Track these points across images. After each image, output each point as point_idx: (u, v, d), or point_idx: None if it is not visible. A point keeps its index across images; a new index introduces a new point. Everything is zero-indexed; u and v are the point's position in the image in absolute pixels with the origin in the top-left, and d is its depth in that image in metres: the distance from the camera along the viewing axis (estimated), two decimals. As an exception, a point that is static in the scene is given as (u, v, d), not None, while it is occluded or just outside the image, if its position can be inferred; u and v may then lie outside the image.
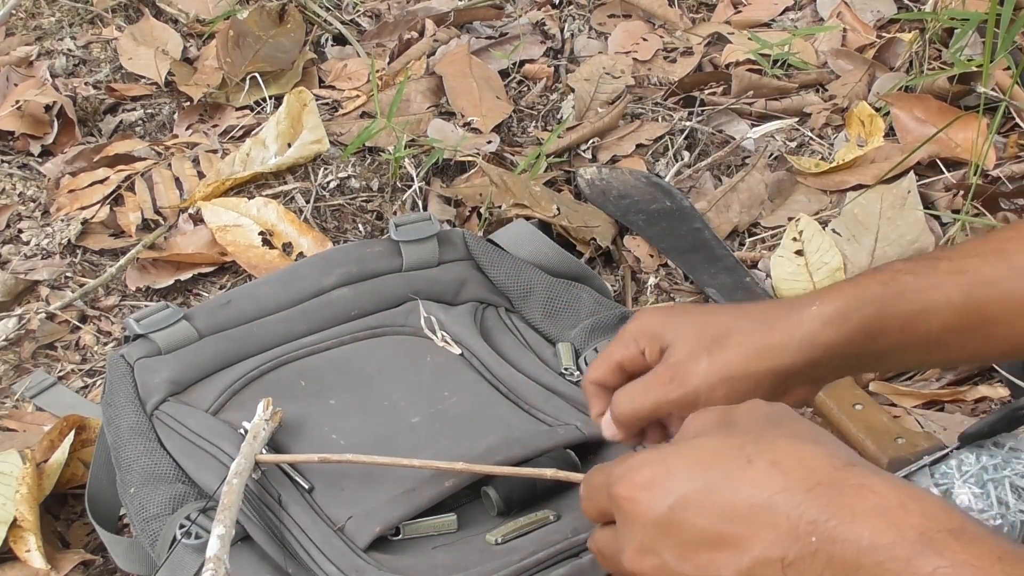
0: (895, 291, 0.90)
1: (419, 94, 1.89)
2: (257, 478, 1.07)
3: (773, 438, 0.71)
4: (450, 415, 1.14)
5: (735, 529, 0.68)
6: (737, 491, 0.68)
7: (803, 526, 0.66)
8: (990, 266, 0.91)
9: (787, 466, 0.68)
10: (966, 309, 0.89)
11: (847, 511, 0.65)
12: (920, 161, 1.67)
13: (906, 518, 0.64)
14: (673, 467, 0.71)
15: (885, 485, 0.66)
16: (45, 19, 2.12)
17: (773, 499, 0.67)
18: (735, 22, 2.04)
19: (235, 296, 1.28)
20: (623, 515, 0.73)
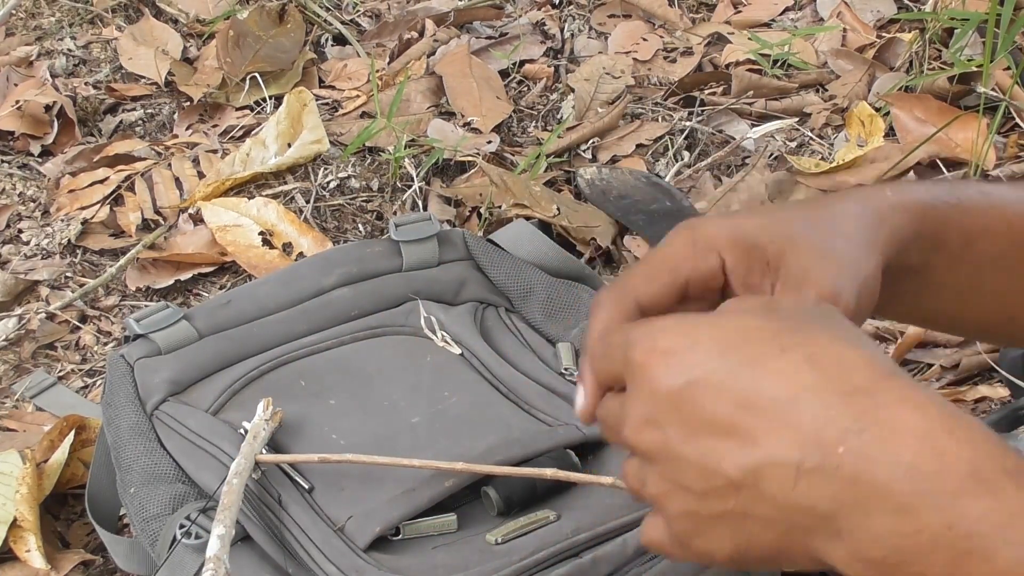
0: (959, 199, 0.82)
1: (419, 94, 1.89)
2: (257, 478, 1.07)
3: (814, 331, 0.62)
4: (450, 415, 1.14)
5: (750, 421, 0.60)
6: (761, 380, 0.61)
7: (831, 432, 0.58)
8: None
9: (824, 363, 0.60)
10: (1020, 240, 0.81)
11: (886, 426, 0.57)
12: (920, 161, 1.67)
13: (956, 448, 0.56)
14: (699, 340, 0.63)
15: (933, 405, 0.58)
16: (45, 19, 2.13)
17: (800, 396, 0.60)
18: (735, 22, 2.04)
19: (235, 296, 1.28)
20: (634, 381, 0.65)
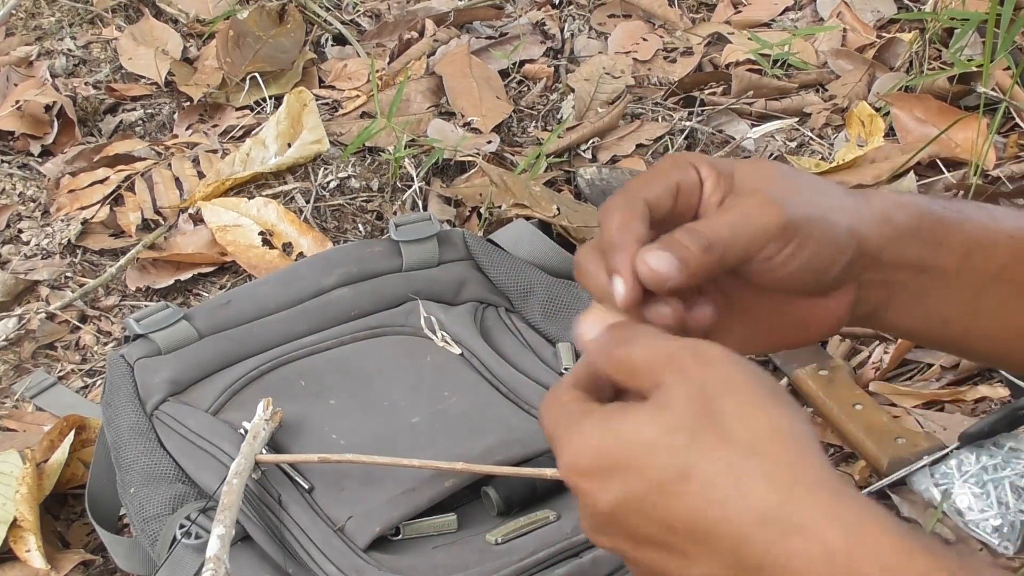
0: (959, 209, 0.81)
1: (419, 94, 1.89)
2: (257, 478, 1.07)
3: (713, 446, 0.63)
4: (450, 415, 1.14)
5: (679, 542, 0.63)
6: (673, 508, 0.63)
7: (749, 560, 0.61)
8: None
9: (723, 494, 0.62)
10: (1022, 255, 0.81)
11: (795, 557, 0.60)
12: (920, 161, 1.67)
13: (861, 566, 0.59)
14: (612, 461, 0.64)
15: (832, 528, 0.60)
16: (45, 19, 2.12)
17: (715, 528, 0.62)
18: (735, 22, 2.04)
19: (235, 296, 1.28)
20: (575, 493, 0.67)
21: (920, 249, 0.79)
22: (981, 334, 0.83)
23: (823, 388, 1.35)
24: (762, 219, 0.72)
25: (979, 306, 0.81)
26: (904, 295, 0.80)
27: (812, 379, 1.36)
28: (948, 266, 0.80)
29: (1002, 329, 0.83)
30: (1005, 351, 0.85)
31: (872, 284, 0.79)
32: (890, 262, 0.78)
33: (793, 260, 0.73)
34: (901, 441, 1.29)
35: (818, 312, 0.78)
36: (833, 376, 1.36)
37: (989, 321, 0.82)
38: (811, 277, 0.75)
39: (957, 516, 1.23)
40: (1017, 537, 1.21)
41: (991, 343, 0.84)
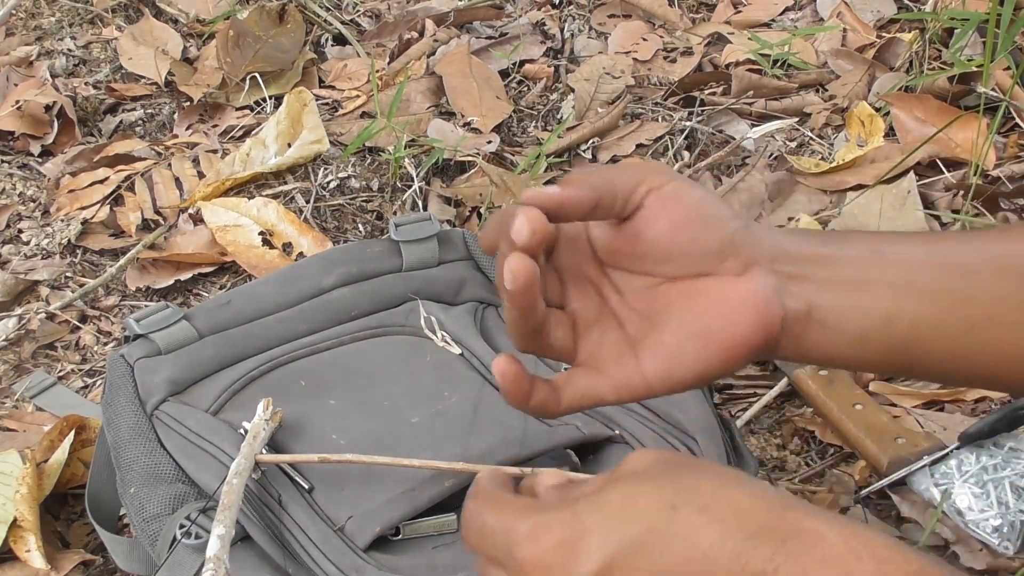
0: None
1: (419, 94, 1.89)
2: (257, 478, 1.07)
3: (694, 480, 0.63)
4: (450, 415, 1.14)
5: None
6: (667, 546, 0.61)
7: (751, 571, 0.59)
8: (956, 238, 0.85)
9: (719, 512, 0.61)
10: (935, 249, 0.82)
11: (796, 559, 0.59)
12: (920, 161, 1.67)
13: (859, 566, 0.59)
14: (589, 525, 0.62)
15: (832, 530, 0.60)
16: (45, 19, 2.13)
17: (710, 551, 0.60)
18: (735, 22, 2.04)
19: (235, 296, 1.28)
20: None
21: (822, 245, 0.81)
22: (932, 330, 0.81)
23: (823, 388, 1.35)
24: (641, 162, 0.76)
25: (913, 294, 0.80)
26: (834, 289, 0.80)
27: (812, 379, 1.36)
28: (860, 256, 0.81)
29: (948, 319, 0.81)
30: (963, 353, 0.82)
31: (790, 277, 0.79)
32: (796, 252, 0.79)
33: (682, 196, 0.76)
34: (901, 441, 1.29)
35: (740, 296, 0.78)
36: (833, 376, 1.36)
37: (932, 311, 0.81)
38: (704, 225, 0.77)
39: (957, 516, 1.23)
40: (1017, 537, 1.21)
41: (947, 343, 0.81)
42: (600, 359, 0.81)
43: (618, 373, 0.80)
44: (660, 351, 0.78)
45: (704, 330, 0.78)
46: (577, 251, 0.81)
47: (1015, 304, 0.80)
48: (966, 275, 0.80)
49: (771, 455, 1.36)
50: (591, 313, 0.81)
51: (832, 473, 1.32)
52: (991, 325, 0.80)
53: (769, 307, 0.78)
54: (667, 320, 0.79)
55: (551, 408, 0.80)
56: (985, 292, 0.80)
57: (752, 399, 1.42)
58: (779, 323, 0.79)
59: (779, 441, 1.38)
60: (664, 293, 0.80)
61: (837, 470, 1.33)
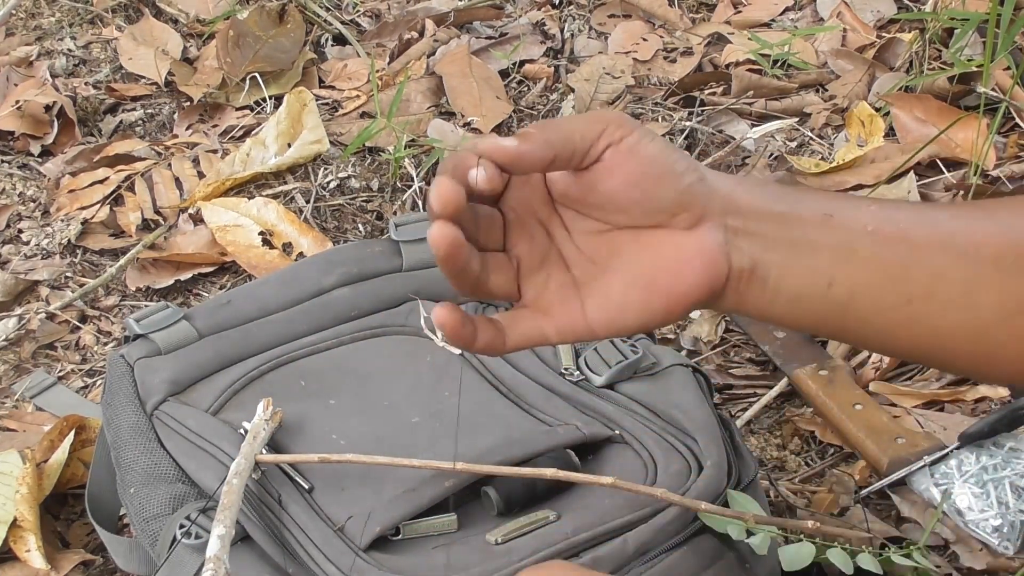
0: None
1: (419, 94, 1.89)
2: (257, 478, 1.07)
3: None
4: (450, 415, 1.14)
5: None
6: None
7: None
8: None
9: None
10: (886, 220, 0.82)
11: None
12: (920, 161, 1.67)
13: None
14: None
15: None
16: (45, 19, 2.13)
17: None
18: (735, 22, 2.04)
19: (235, 296, 1.28)
20: None
21: (775, 200, 0.82)
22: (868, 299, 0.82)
23: (823, 388, 1.35)
24: (601, 112, 0.79)
25: (855, 262, 0.82)
26: (778, 248, 0.81)
27: (812, 379, 1.36)
28: (810, 220, 0.82)
29: (885, 292, 0.82)
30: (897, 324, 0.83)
31: (739, 231, 0.81)
32: (747, 208, 0.81)
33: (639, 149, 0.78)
34: (901, 441, 1.29)
35: (689, 249, 0.80)
36: (833, 376, 1.36)
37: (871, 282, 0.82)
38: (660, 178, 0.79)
39: (957, 516, 1.23)
40: (1017, 537, 1.21)
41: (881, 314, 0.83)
42: (545, 301, 0.82)
43: (563, 316, 0.81)
44: (605, 299, 0.80)
45: (651, 282, 0.80)
46: (531, 189, 0.82)
47: (954, 282, 0.81)
48: (910, 249, 0.81)
49: (771, 455, 1.36)
50: (537, 256, 0.83)
51: (832, 473, 1.32)
52: (928, 301, 0.81)
53: (716, 262, 0.80)
54: (614, 268, 0.81)
55: (497, 347, 0.81)
56: (925, 268, 0.81)
57: (752, 399, 1.42)
58: (724, 278, 0.80)
59: (779, 441, 1.38)
60: (614, 239, 0.81)
61: (837, 470, 1.33)
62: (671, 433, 1.11)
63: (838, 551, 1.05)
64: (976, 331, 0.81)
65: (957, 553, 1.22)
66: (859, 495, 1.28)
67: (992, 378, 0.84)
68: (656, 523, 1.02)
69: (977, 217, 0.85)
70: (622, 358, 1.17)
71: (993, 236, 0.82)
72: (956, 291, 0.81)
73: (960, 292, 0.81)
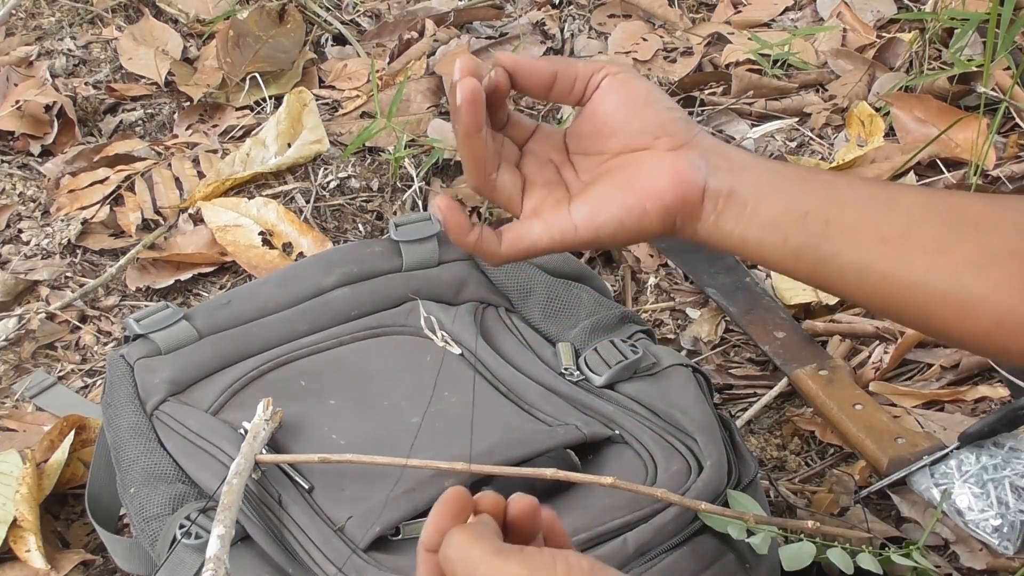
0: None
1: (419, 94, 1.89)
2: (257, 478, 1.07)
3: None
4: (450, 415, 1.14)
5: None
6: None
7: None
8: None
9: None
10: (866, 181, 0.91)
11: None
12: (920, 161, 1.67)
13: None
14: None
15: None
16: (45, 19, 2.13)
17: None
18: (735, 22, 2.04)
19: (235, 296, 1.28)
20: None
21: (759, 157, 0.91)
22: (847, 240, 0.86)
23: (823, 388, 1.35)
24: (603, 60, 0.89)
25: (834, 198, 0.87)
26: (757, 181, 0.88)
27: (812, 379, 1.36)
28: (793, 170, 0.90)
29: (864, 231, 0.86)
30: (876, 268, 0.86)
31: (720, 167, 0.88)
32: (732, 155, 0.89)
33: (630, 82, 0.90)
34: (901, 441, 1.29)
35: (664, 165, 0.88)
36: (833, 376, 1.36)
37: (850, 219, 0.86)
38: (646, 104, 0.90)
39: (957, 516, 1.23)
40: (1017, 537, 1.21)
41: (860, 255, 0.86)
42: (541, 210, 0.91)
43: (552, 219, 0.91)
44: (587, 198, 0.90)
45: (627, 182, 0.89)
46: (551, 143, 0.95)
47: (928, 229, 0.85)
48: (890, 200, 0.86)
49: (771, 455, 1.36)
50: (542, 178, 0.93)
51: (832, 473, 1.32)
52: (902, 242, 0.85)
53: (690, 175, 0.88)
54: (602, 179, 0.91)
55: (492, 249, 0.90)
56: (902, 214, 0.86)
57: (752, 399, 1.42)
58: (699, 194, 0.88)
59: (779, 441, 1.38)
60: (607, 163, 0.91)
61: (837, 470, 1.33)
62: (671, 433, 1.11)
63: (838, 551, 1.05)
64: (949, 277, 0.84)
65: (957, 553, 1.22)
66: (859, 495, 1.28)
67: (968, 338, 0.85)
68: (656, 523, 1.02)
69: (970, 196, 0.90)
70: (622, 358, 1.17)
71: (979, 205, 0.87)
72: (930, 236, 0.85)
73: (934, 237, 0.85)
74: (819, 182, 0.88)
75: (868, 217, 0.86)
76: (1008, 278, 0.83)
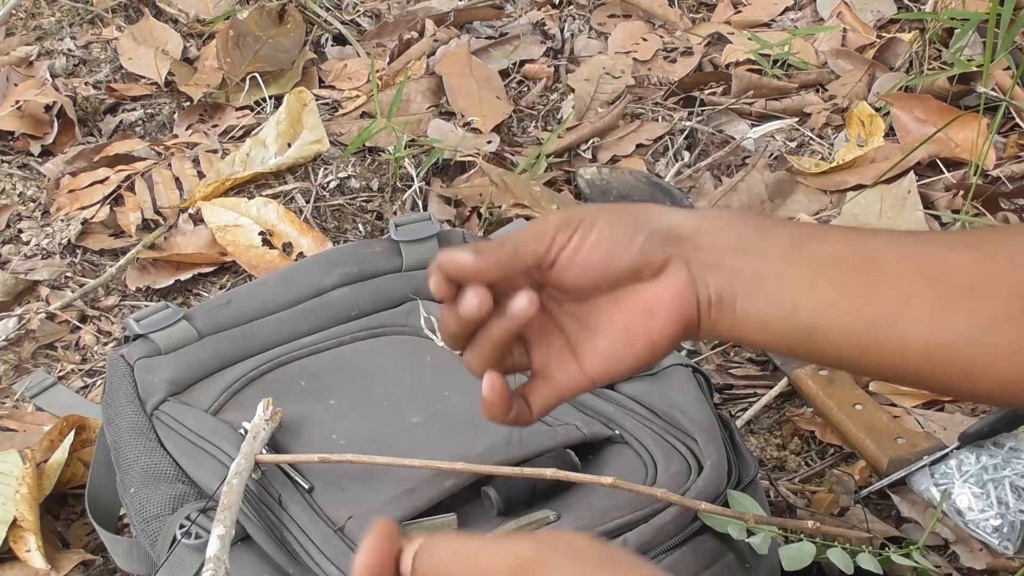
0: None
1: (419, 94, 1.89)
2: (257, 478, 1.07)
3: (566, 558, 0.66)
4: (450, 415, 1.14)
5: None
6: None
7: None
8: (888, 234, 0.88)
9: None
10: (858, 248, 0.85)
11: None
12: (920, 161, 1.68)
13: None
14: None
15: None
16: (45, 19, 2.13)
17: None
18: (735, 22, 2.04)
19: (235, 296, 1.28)
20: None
21: (740, 237, 0.86)
22: (833, 323, 0.84)
23: (823, 388, 1.35)
24: (547, 218, 0.87)
25: (820, 290, 0.84)
26: (742, 279, 0.85)
27: (812, 379, 1.36)
28: (776, 253, 0.85)
29: (850, 316, 0.84)
30: (862, 347, 0.85)
31: (704, 266, 0.85)
32: (711, 246, 0.85)
33: (585, 242, 0.85)
34: (901, 441, 1.29)
35: (657, 295, 0.86)
36: (833, 376, 1.36)
37: (835, 307, 0.84)
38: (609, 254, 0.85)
39: (957, 516, 1.23)
40: (1017, 537, 1.21)
41: (847, 337, 0.84)
42: (550, 367, 0.91)
43: (566, 378, 0.91)
44: (596, 355, 0.89)
45: (629, 331, 0.88)
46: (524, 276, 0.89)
47: (920, 305, 0.82)
48: (879, 276, 0.83)
49: (771, 455, 1.36)
50: (537, 326, 0.90)
51: (832, 473, 1.32)
52: (894, 323, 0.83)
53: (684, 299, 0.86)
54: (598, 326, 0.89)
55: (525, 417, 0.92)
56: (892, 292, 0.83)
57: (752, 399, 1.42)
58: (695, 312, 0.86)
59: (779, 441, 1.38)
60: (595, 303, 0.89)
61: (837, 470, 1.33)
62: (671, 433, 1.11)
63: (838, 551, 1.05)
64: (945, 351, 0.82)
65: (957, 553, 1.22)
66: (859, 495, 1.28)
67: (975, 396, 0.86)
68: (656, 523, 1.02)
69: (956, 246, 0.85)
70: (622, 358, 1.17)
71: (969, 263, 0.83)
72: (922, 313, 0.82)
73: (926, 313, 0.82)
74: (802, 260, 0.85)
75: (856, 304, 0.83)
76: (1007, 344, 0.81)
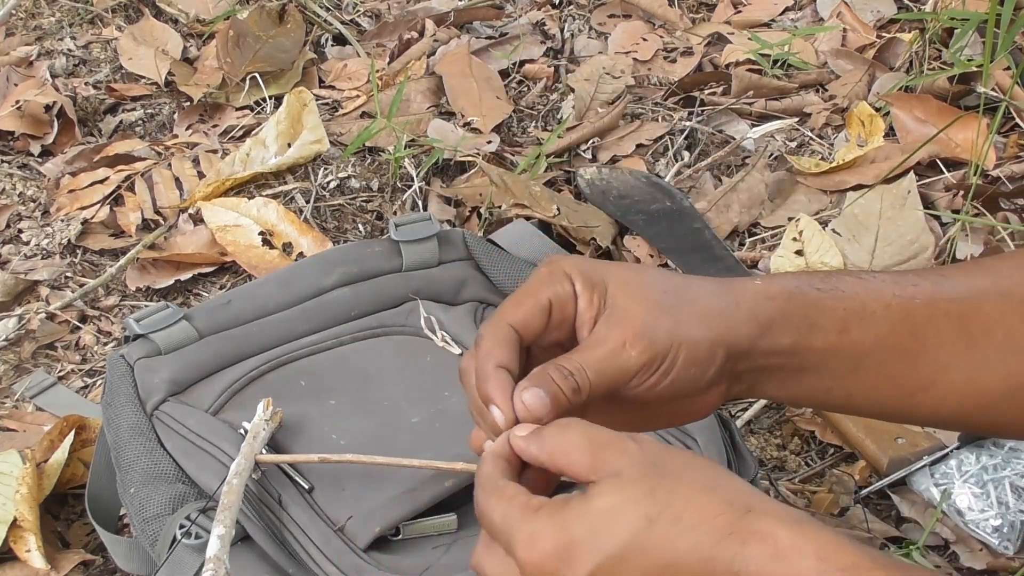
0: (834, 286, 0.85)
1: (419, 94, 1.89)
2: (257, 478, 1.07)
3: (670, 490, 0.70)
4: (450, 415, 1.14)
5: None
6: (647, 555, 0.69)
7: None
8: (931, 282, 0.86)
9: (690, 520, 0.69)
10: (901, 321, 0.84)
11: (752, 562, 0.68)
12: (920, 161, 1.67)
13: (801, 561, 0.67)
14: (577, 536, 0.70)
15: (782, 527, 0.68)
16: (45, 19, 2.12)
17: (683, 559, 0.69)
18: (735, 22, 2.04)
19: (235, 296, 1.28)
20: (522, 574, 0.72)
21: (791, 335, 0.83)
22: (864, 399, 0.86)
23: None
24: (628, 357, 0.79)
25: (859, 375, 0.85)
26: (781, 374, 0.85)
27: (812, 379, 1.36)
28: (823, 345, 0.84)
29: (887, 394, 0.85)
30: (893, 411, 0.88)
31: (745, 372, 0.83)
32: (761, 352, 0.83)
33: (659, 384, 0.80)
34: (901, 441, 1.29)
35: (691, 406, 0.84)
36: (833, 376, 1.36)
37: (872, 387, 0.85)
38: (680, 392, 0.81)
39: (957, 516, 1.23)
40: (1017, 537, 1.21)
41: (877, 406, 0.87)
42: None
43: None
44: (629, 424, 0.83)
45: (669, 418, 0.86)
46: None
47: (958, 371, 0.84)
48: (920, 349, 0.84)
49: (771, 455, 1.36)
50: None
51: (832, 473, 1.32)
52: (929, 391, 0.85)
53: (719, 399, 0.84)
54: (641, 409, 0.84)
55: None
56: (930, 363, 0.84)
57: (752, 399, 1.42)
58: (726, 396, 0.85)
59: (779, 441, 1.38)
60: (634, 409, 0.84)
61: (837, 470, 1.33)
62: (671, 433, 1.11)
63: (838, 551, 1.05)
64: (980, 409, 0.85)
65: (957, 553, 1.22)
66: (859, 495, 1.28)
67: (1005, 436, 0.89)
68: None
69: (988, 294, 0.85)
70: (622, 358, 1.17)
71: (1002, 313, 0.84)
72: (960, 379, 0.84)
73: (964, 380, 0.84)
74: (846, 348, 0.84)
75: (894, 381, 0.85)
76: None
